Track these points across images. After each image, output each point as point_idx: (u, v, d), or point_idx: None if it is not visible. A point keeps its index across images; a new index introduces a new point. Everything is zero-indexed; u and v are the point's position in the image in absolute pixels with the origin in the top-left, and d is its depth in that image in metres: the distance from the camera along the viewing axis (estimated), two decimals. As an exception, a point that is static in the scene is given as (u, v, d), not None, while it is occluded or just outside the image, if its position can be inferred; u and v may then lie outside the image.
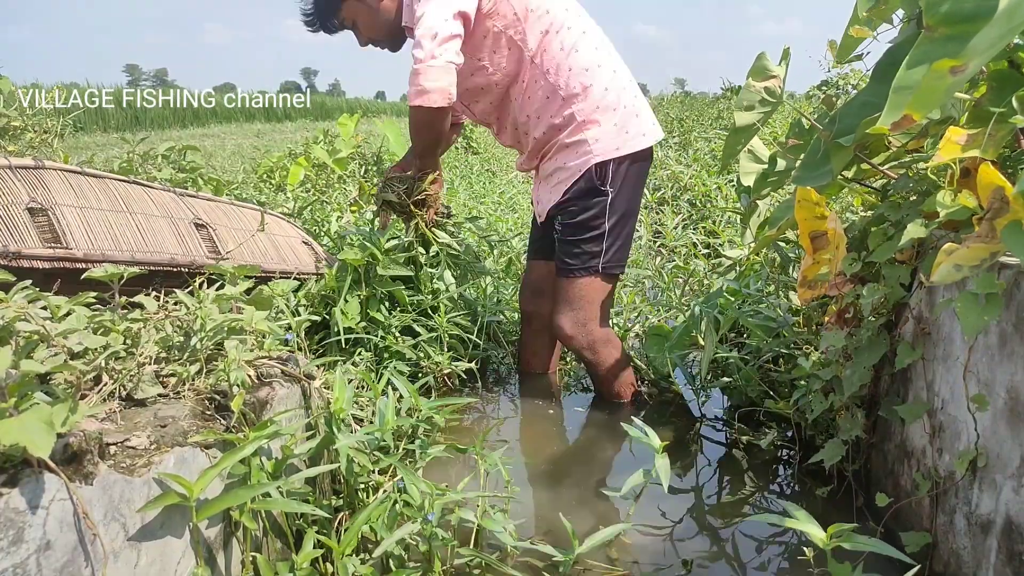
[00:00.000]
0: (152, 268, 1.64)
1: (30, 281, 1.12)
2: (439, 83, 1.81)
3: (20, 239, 1.39)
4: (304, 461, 1.27)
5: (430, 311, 2.24)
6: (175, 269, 1.71)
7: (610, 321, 2.26)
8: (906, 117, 0.89)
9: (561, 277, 2.07)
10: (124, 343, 1.12)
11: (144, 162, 3.59)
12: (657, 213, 4.63)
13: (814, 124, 1.43)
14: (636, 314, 2.73)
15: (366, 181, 5.20)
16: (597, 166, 1.97)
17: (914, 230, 1.23)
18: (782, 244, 1.99)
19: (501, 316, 2.62)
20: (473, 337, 2.28)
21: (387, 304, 2.17)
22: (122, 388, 1.06)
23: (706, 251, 3.40)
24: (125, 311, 1.23)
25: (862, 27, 1.43)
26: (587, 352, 2.11)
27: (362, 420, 1.67)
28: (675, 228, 3.72)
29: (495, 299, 2.63)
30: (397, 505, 1.25)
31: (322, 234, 2.84)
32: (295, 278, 2.09)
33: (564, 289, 2.07)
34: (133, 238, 1.65)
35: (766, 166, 1.76)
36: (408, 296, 2.17)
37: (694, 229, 4.00)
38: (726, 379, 2.06)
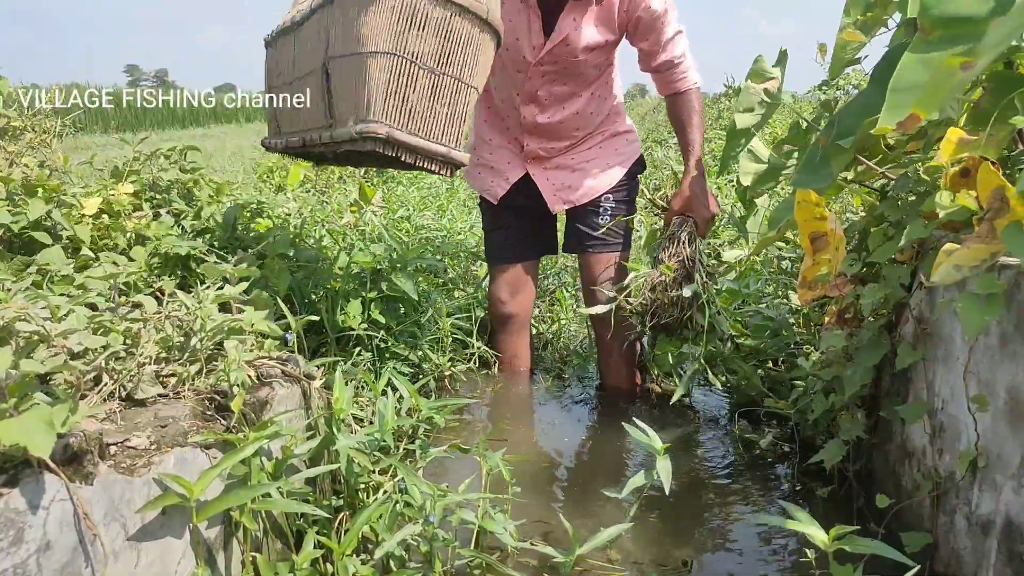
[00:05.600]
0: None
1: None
2: None
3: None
4: (304, 461, 1.27)
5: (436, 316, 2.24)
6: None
7: None
8: (912, 116, 0.89)
9: (600, 253, 2.22)
10: (124, 343, 1.12)
11: (148, 161, 3.57)
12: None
13: (812, 126, 1.43)
14: None
15: (366, 181, 5.20)
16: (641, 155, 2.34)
17: (914, 230, 1.23)
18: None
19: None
20: (473, 339, 2.27)
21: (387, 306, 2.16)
22: (122, 388, 1.06)
23: (706, 251, 3.39)
24: (125, 311, 1.23)
25: (855, 31, 1.42)
26: (624, 329, 2.15)
27: (362, 420, 1.67)
28: (675, 228, 3.70)
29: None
30: (398, 506, 1.25)
31: (323, 234, 2.83)
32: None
33: (602, 265, 2.22)
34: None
35: (765, 166, 1.77)
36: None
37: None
38: (723, 378, 2.05)
